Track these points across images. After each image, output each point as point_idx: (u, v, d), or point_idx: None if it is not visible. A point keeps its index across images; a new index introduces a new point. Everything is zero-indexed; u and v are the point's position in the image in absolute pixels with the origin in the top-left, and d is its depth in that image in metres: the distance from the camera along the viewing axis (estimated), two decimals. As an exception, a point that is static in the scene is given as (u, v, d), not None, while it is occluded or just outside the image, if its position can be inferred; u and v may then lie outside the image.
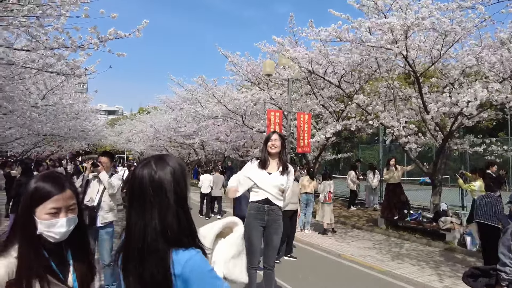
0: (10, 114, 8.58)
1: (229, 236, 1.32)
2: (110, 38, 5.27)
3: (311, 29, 7.00)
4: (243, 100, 9.90)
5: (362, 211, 11.89)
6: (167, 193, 1.16)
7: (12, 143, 15.63)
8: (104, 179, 4.22)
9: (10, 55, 4.88)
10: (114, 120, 44.99)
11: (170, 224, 1.15)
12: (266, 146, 3.63)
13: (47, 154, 24.93)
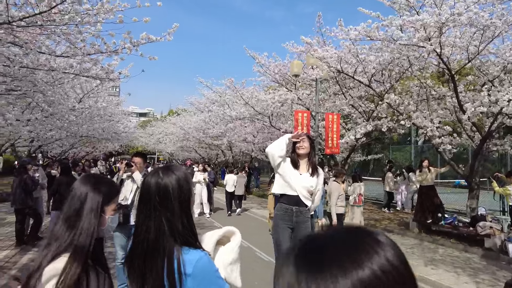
0: (51, 116, 9.09)
1: (228, 244, 1.43)
2: (142, 42, 5.45)
3: (340, 29, 6.90)
4: (270, 101, 9.90)
5: (393, 214, 11.53)
6: (172, 198, 1.28)
7: (52, 144, 16.58)
8: (138, 179, 4.37)
9: (52, 62, 5.17)
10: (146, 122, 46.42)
11: (175, 226, 1.26)
12: (295, 147, 3.62)
13: (83, 155, 26.13)
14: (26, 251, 6.50)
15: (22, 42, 4.11)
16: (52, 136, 12.05)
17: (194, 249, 1.25)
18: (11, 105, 8.40)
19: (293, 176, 3.53)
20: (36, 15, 3.59)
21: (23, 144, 15.14)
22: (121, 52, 5.36)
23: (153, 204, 1.26)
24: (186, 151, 27.92)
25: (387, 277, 0.47)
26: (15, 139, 12.19)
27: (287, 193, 3.54)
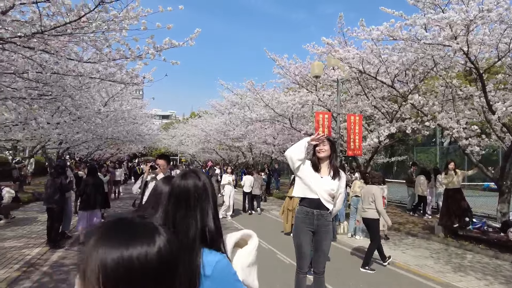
0: (78, 120, 9.43)
1: (245, 247, 1.45)
2: (165, 47, 5.58)
3: (362, 29, 6.79)
4: (291, 103, 9.87)
5: (417, 218, 11.22)
6: (208, 197, 1.36)
7: (78, 146, 17.21)
8: (161, 181, 4.48)
9: (79, 67, 5.38)
10: (168, 124, 47.27)
11: (209, 224, 1.32)
12: (315, 150, 3.59)
13: (108, 156, 26.95)
14: (56, 248, 6.77)
15: (53, 50, 4.31)
16: (79, 139, 12.52)
17: (213, 251, 1.28)
18: (42, 109, 8.79)
19: (313, 179, 3.51)
20: (66, 24, 3.76)
21: (53, 146, 15.77)
22: (145, 57, 5.51)
23: (191, 203, 1.32)
24: (207, 152, 28.26)
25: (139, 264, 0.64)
26: (45, 141, 12.72)
27: (307, 196, 3.52)
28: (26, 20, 3.89)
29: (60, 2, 3.52)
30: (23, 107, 7.90)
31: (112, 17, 4.18)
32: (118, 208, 12.19)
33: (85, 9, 3.73)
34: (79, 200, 7.63)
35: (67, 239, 7.58)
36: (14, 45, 4.50)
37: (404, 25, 6.49)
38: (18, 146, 14.63)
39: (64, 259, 6.23)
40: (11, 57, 5.27)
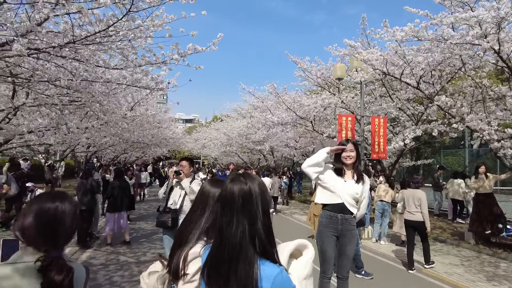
0: (105, 124, 9.76)
1: (301, 258, 1.39)
2: (189, 53, 5.69)
3: (386, 30, 6.67)
4: (313, 106, 9.80)
5: (446, 223, 10.81)
6: (256, 203, 1.32)
7: (105, 150, 17.78)
8: (186, 186, 4.56)
9: (107, 74, 5.59)
10: (191, 128, 48.06)
11: (259, 232, 1.28)
12: (340, 156, 3.54)
13: (133, 159, 27.66)
14: (85, 248, 7.02)
15: (83, 58, 4.50)
16: (106, 142, 12.95)
17: (272, 263, 1.24)
18: (71, 114, 9.17)
19: (337, 184, 3.46)
20: (95, 33, 3.93)
21: (81, 150, 16.38)
22: (169, 62, 5.64)
23: (236, 208, 1.30)
24: (229, 155, 28.47)
25: None
26: (75, 145, 13.24)
27: (331, 202, 3.48)
28: (59, 30, 4.08)
29: (90, 12, 3.68)
30: (55, 112, 8.29)
31: (137, 25, 4.32)
32: (144, 210, 12.49)
33: (113, 19, 3.88)
34: (106, 202, 7.88)
35: (95, 239, 7.83)
36: (47, 54, 4.74)
37: (430, 24, 6.31)
38: (50, 149, 15.29)
39: (92, 259, 6.45)
40: (45, 65, 5.54)
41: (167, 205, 4.66)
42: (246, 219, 1.29)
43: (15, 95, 7.72)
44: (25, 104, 7.31)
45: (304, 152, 15.27)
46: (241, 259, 1.24)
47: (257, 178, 1.40)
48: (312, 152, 15.88)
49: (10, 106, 7.42)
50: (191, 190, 4.58)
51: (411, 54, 6.79)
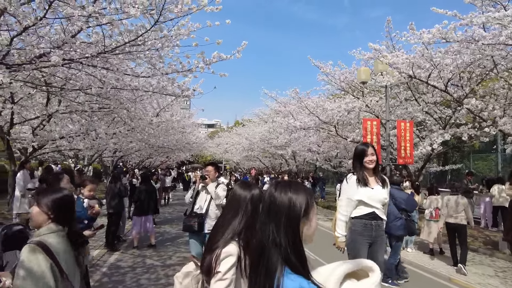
0: (132, 130, 10.06)
1: (365, 280, 1.26)
2: (214, 61, 5.78)
3: (412, 32, 6.53)
4: (337, 110, 9.70)
5: (477, 231, 10.36)
6: (280, 211, 1.32)
7: (131, 155, 18.28)
8: (211, 190, 4.62)
9: (135, 82, 5.78)
10: (214, 133, 48.61)
11: (279, 238, 1.28)
12: (362, 163, 3.44)
13: (158, 164, 28.27)
14: (113, 251, 7.22)
15: (114, 67, 4.68)
16: (132, 148, 13.33)
17: (298, 276, 1.21)
18: (100, 121, 9.52)
19: (365, 194, 3.39)
20: (126, 43, 4.08)
21: (108, 154, 16.92)
22: (195, 70, 5.76)
23: (266, 211, 1.34)
24: (250, 160, 28.57)
25: None
26: (102, 150, 13.70)
27: (364, 213, 3.42)
28: (91, 41, 4.27)
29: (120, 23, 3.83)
30: (85, 119, 8.63)
31: (163, 35, 4.44)
32: (168, 214, 12.71)
33: (142, 29, 4.02)
34: (133, 206, 8.08)
35: (122, 242, 8.05)
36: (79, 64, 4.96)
37: (459, 25, 6.13)
38: (79, 154, 15.90)
39: (120, 261, 6.62)
40: (77, 74, 5.80)
41: (193, 210, 4.74)
42: (273, 223, 1.31)
43: (49, 103, 8.11)
44: (58, 111, 7.66)
45: (328, 157, 15.09)
46: (265, 264, 1.26)
47: (293, 188, 1.39)
48: (335, 157, 15.66)
49: (45, 114, 7.80)
50: (216, 195, 4.64)
51: (439, 56, 6.60)
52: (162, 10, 3.83)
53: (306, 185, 1.63)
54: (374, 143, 9.34)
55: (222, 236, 1.67)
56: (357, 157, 3.47)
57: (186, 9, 3.95)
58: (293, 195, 1.39)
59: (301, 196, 1.38)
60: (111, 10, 3.52)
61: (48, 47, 4.17)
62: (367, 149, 3.45)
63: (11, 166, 9.16)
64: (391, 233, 5.57)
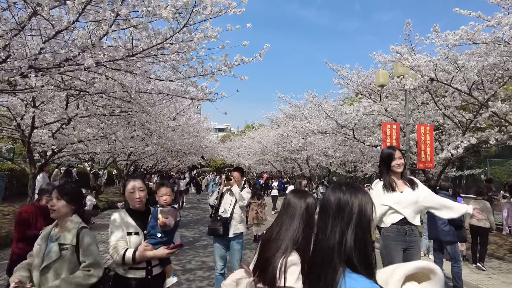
0: (149, 133, 10.11)
1: (425, 283, 1.24)
2: (236, 64, 5.75)
3: (436, 34, 6.42)
4: (355, 114, 9.58)
5: (500, 238, 10.08)
6: (351, 213, 1.31)
7: (145, 159, 18.40)
8: (236, 191, 4.58)
9: (159, 85, 5.79)
10: (225, 137, 48.75)
11: (345, 241, 1.27)
12: (389, 167, 3.36)
13: (170, 168, 28.44)
14: (132, 255, 7.21)
15: (140, 70, 4.68)
16: (148, 151, 13.40)
17: (361, 277, 1.19)
18: (118, 125, 9.58)
19: (392, 200, 3.30)
20: (153, 46, 4.08)
21: (123, 158, 17.07)
22: (216, 74, 5.74)
23: (331, 215, 1.33)
24: (262, 164, 28.48)
25: None
26: (118, 154, 13.81)
27: (396, 220, 3.32)
28: (119, 44, 4.29)
29: (149, 26, 3.83)
30: (104, 123, 8.69)
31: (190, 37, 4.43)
32: (183, 217, 12.70)
33: (170, 32, 4.01)
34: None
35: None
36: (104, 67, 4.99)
37: (485, 26, 6.01)
38: (95, 158, 16.06)
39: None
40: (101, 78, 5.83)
41: (217, 213, 4.69)
42: (341, 226, 1.30)
43: (68, 106, 8.20)
44: (77, 115, 7.74)
45: (343, 161, 14.91)
46: (327, 266, 1.25)
47: (359, 189, 1.37)
48: (350, 162, 15.47)
49: (64, 117, 7.88)
50: (240, 196, 4.60)
51: (464, 58, 6.46)
52: (192, 13, 3.82)
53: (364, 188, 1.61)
54: (393, 147, 9.21)
55: (281, 245, 1.65)
56: (385, 162, 3.39)
57: (216, 10, 3.93)
58: (363, 198, 1.38)
59: (368, 198, 1.39)
60: (143, 13, 3.52)
61: (76, 51, 4.20)
62: (394, 152, 3.37)
63: (31, 169, 9.27)
64: (441, 239, 5.56)
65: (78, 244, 2.35)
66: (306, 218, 1.73)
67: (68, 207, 2.40)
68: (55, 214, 2.40)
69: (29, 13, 3.90)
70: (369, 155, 12.29)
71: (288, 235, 1.68)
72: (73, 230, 2.38)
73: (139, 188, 2.67)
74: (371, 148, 11.85)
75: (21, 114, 9.27)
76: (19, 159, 18.76)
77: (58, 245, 2.34)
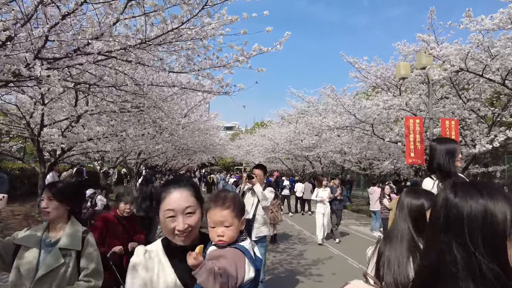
0: (160, 131, 9.78)
1: None
2: (253, 54, 5.37)
3: (468, 20, 5.94)
4: (375, 108, 9.12)
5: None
6: (473, 228, 0.94)
7: (154, 158, 18.15)
8: (259, 191, 4.20)
9: (173, 78, 5.45)
10: (234, 135, 48.51)
11: (472, 260, 0.92)
12: (454, 162, 2.87)
13: (180, 166, 28.21)
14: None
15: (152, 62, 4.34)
16: (158, 149, 13.10)
17: None
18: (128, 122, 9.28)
19: None
20: (169, 31, 3.73)
21: (132, 157, 16.84)
22: (233, 65, 5.36)
23: (441, 229, 1.00)
24: (272, 162, 28.10)
25: None
26: (128, 152, 13.54)
27: None
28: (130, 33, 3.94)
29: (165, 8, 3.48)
30: (114, 119, 8.40)
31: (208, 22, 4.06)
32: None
33: (187, 15, 3.65)
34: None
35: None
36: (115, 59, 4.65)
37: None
38: (105, 157, 15.87)
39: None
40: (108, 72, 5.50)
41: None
42: (456, 243, 0.96)
43: (77, 103, 7.92)
44: (87, 112, 7.45)
45: (360, 158, 14.42)
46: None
47: (497, 191, 0.97)
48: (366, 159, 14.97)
49: (74, 115, 7.60)
50: (263, 196, 4.23)
51: (499, 45, 5.97)
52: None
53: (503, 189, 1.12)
54: (417, 142, 8.73)
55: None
56: (450, 155, 2.88)
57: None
58: (489, 203, 0.96)
59: (503, 204, 0.96)
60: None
61: (86, 39, 3.86)
62: (458, 147, 2.90)
63: (41, 168, 9.04)
64: None
65: (82, 250, 2.15)
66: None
67: (62, 208, 2.16)
68: (49, 216, 2.15)
69: (35, 3, 3.59)
70: (386, 152, 11.80)
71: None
72: (76, 233, 2.15)
73: (185, 210, 1.32)
74: (389, 145, 11.37)
75: (30, 112, 9.06)
76: (30, 158, 18.72)
77: (59, 250, 2.06)
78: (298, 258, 7.31)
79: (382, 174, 15.25)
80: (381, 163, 12.71)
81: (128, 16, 3.89)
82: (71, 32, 4.02)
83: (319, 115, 13.36)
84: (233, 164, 46.70)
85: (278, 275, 5.98)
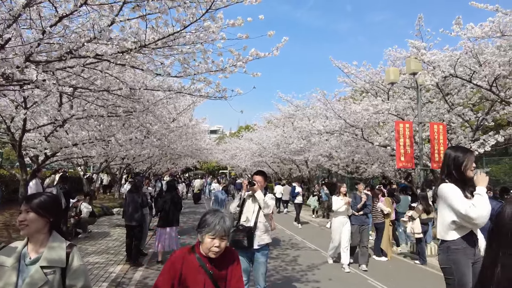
0: (148, 135, 9.56)
1: None
2: (250, 59, 5.31)
3: (457, 27, 6.09)
4: (365, 112, 9.23)
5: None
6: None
7: (138, 162, 17.73)
8: (260, 198, 4.12)
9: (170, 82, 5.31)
10: (220, 138, 48.15)
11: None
12: (466, 172, 2.83)
13: (164, 171, 27.69)
14: (137, 266, 6.68)
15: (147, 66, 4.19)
16: (144, 154, 12.80)
17: None
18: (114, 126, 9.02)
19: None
20: (170, 35, 3.62)
21: (116, 162, 16.39)
22: (229, 70, 5.29)
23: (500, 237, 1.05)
24: (259, 166, 28.04)
25: None
26: (113, 157, 13.17)
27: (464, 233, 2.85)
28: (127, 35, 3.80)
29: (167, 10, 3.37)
30: (102, 124, 8.14)
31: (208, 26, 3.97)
32: (184, 223, 12.14)
33: (190, 18, 3.56)
34: (158, 217, 7.52)
35: (143, 256, 7.51)
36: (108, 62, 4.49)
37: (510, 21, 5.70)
38: (89, 162, 15.39)
39: (146, 278, 6.07)
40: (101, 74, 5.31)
41: (239, 222, 4.22)
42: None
43: (61, 107, 7.63)
44: (73, 116, 7.18)
45: (349, 162, 14.53)
46: None
47: None
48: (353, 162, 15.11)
49: (59, 119, 7.31)
50: (265, 203, 4.15)
51: (488, 52, 6.15)
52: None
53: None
54: (407, 146, 8.87)
55: None
56: (458, 166, 2.83)
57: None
58: None
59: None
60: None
61: (80, 41, 3.70)
62: (469, 155, 2.88)
63: (23, 174, 8.64)
64: None
65: (67, 266, 1.95)
66: None
67: (41, 221, 1.94)
68: (26, 231, 1.94)
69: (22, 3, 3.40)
70: (375, 156, 11.95)
71: None
72: (58, 249, 1.95)
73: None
74: (377, 148, 11.53)
75: (11, 117, 8.66)
76: (6, 164, 17.93)
77: (41, 268, 1.86)
78: (292, 264, 7.25)
79: (369, 177, 15.45)
80: (368, 166, 12.86)
81: (124, 18, 3.77)
82: (69, 34, 3.84)
83: (307, 119, 13.41)
84: (218, 168, 46.35)
85: (275, 282, 5.91)
